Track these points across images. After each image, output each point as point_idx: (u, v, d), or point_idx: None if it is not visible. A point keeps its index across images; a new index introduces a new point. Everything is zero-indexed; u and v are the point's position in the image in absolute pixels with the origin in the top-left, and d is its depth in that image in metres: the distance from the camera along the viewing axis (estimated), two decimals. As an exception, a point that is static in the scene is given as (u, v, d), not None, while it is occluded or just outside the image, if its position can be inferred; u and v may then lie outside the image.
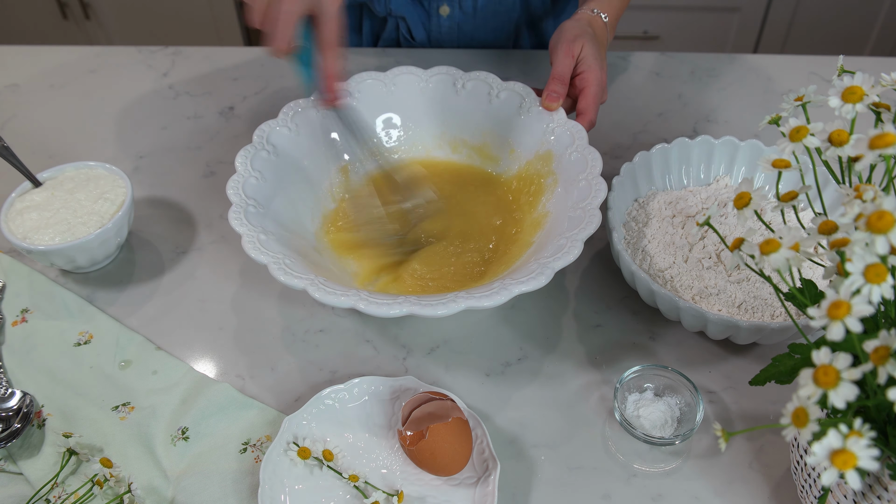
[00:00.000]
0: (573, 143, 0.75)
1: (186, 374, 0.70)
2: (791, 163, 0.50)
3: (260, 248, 0.65)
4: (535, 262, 0.64)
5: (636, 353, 0.71)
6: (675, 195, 0.79)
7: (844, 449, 0.37)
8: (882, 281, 0.38)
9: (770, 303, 0.69)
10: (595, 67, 0.78)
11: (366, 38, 1.07)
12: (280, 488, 0.60)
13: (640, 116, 0.97)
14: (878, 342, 0.39)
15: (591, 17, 0.84)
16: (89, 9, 1.96)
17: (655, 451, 0.64)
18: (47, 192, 0.78)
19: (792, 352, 0.50)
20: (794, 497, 0.61)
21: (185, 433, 0.65)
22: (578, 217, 0.67)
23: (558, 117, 0.78)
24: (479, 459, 0.62)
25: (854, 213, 0.41)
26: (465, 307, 0.59)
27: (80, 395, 0.68)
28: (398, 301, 0.60)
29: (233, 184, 0.71)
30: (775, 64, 1.05)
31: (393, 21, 1.03)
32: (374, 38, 1.08)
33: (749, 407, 0.67)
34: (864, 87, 0.47)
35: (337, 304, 0.60)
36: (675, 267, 0.72)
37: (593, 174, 0.71)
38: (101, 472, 0.61)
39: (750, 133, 0.93)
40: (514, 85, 0.82)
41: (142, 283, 0.79)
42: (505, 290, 0.60)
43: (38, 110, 1.00)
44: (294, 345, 0.73)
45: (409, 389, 0.65)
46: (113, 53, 1.09)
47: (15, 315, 0.75)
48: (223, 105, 0.99)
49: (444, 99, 0.84)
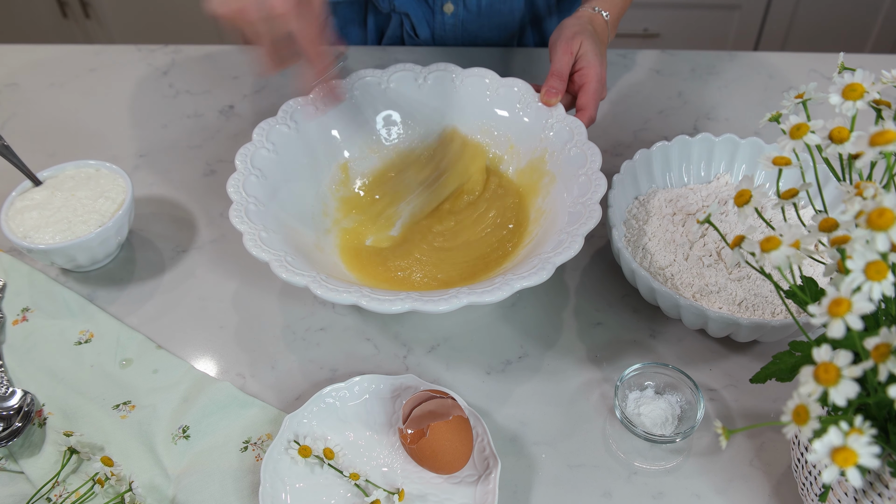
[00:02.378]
0: (572, 139, 0.75)
1: (187, 373, 0.70)
2: (791, 160, 0.50)
3: (261, 246, 0.65)
4: (535, 258, 0.64)
5: (637, 350, 0.71)
6: (676, 193, 0.79)
7: (845, 446, 0.37)
8: (883, 278, 0.38)
9: (771, 300, 0.69)
10: (595, 64, 0.78)
11: (370, 33, 1.07)
12: (281, 487, 0.60)
13: (641, 114, 0.97)
14: (878, 339, 0.39)
15: (591, 15, 0.84)
16: (89, 7, 1.96)
17: (656, 448, 0.64)
18: (48, 190, 0.78)
19: (793, 349, 0.50)
20: (795, 494, 0.61)
21: (185, 432, 0.65)
22: (578, 212, 0.67)
23: (557, 113, 0.78)
24: (480, 457, 0.62)
25: (854, 211, 0.41)
26: (467, 303, 0.59)
27: (80, 393, 0.68)
28: (399, 297, 0.60)
29: (233, 182, 0.71)
30: (776, 61, 1.04)
31: (397, 18, 1.03)
32: (378, 34, 1.08)
33: (750, 404, 0.67)
34: (864, 85, 0.47)
35: (339, 300, 0.60)
36: (675, 265, 0.72)
37: (593, 169, 0.71)
38: (103, 471, 0.61)
39: (750, 130, 0.93)
40: (512, 81, 0.82)
41: (142, 281, 0.79)
42: (506, 286, 0.60)
43: (38, 109, 1.00)
44: (295, 343, 0.73)
45: (409, 387, 0.65)
46: (113, 52, 1.09)
47: (15, 314, 0.75)
48: (223, 103, 0.99)
49: (442, 96, 0.84)
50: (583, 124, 0.76)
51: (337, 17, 1.07)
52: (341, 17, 1.06)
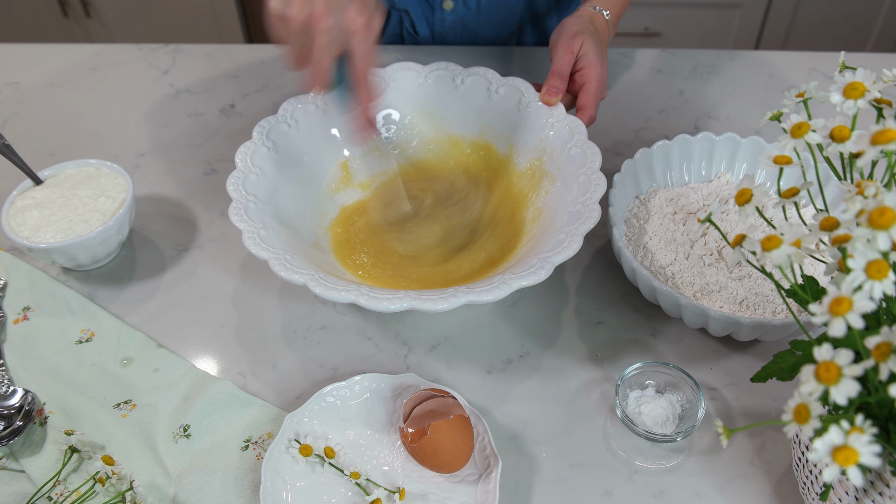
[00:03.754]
0: (572, 138, 0.75)
1: (188, 372, 0.70)
2: (792, 159, 0.50)
3: (260, 244, 0.65)
4: (535, 257, 0.64)
5: (637, 349, 0.71)
6: (677, 192, 0.79)
7: (846, 445, 0.37)
8: (884, 277, 0.38)
9: (771, 299, 0.68)
10: (595, 63, 0.78)
11: None
12: (282, 486, 0.60)
13: (642, 113, 0.96)
14: (879, 338, 0.39)
15: (592, 14, 0.84)
16: (90, 7, 1.96)
17: (657, 447, 0.64)
18: (48, 189, 0.78)
19: (793, 348, 0.50)
20: (796, 494, 0.61)
21: (186, 431, 0.65)
22: (578, 212, 0.67)
23: (557, 112, 0.78)
24: (481, 456, 0.62)
25: (856, 210, 0.41)
26: (466, 301, 0.60)
27: (81, 392, 0.68)
28: (398, 296, 0.60)
29: (233, 180, 0.71)
30: (776, 60, 1.04)
31: (397, 14, 1.03)
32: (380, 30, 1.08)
33: (750, 403, 0.67)
34: (865, 84, 0.47)
35: (337, 299, 0.60)
36: (676, 264, 0.72)
37: (593, 168, 0.71)
38: (104, 470, 0.61)
39: (751, 129, 0.93)
40: (513, 80, 0.82)
41: (143, 280, 0.79)
42: (505, 285, 0.60)
43: (39, 108, 1.00)
44: (295, 342, 0.73)
45: (410, 386, 0.65)
46: (114, 51, 1.09)
47: (16, 313, 0.75)
48: (224, 102, 0.99)
49: (443, 95, 0.84)
50: (583, 124, 0.76)
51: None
52: None
